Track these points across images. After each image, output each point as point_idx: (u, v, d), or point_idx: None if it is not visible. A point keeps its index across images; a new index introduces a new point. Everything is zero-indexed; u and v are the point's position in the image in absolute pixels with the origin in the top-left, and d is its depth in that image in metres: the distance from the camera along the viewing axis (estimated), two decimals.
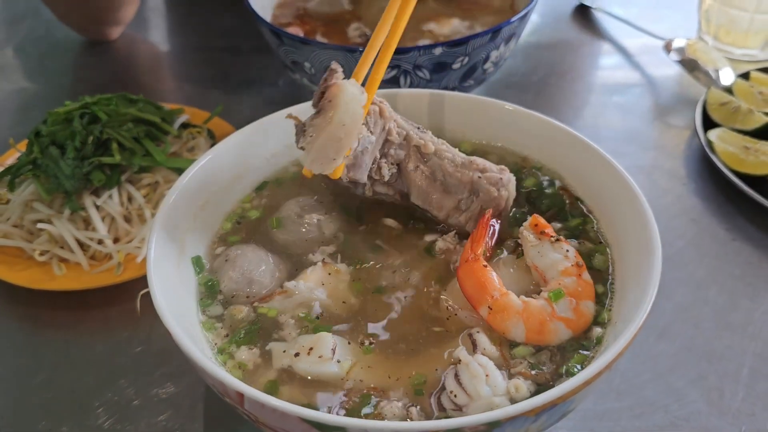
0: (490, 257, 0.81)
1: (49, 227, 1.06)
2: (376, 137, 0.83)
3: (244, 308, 0.80)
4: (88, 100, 1.17)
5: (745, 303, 1.02)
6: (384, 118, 0.85)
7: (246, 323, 0.79)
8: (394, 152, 0.86)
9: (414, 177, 0.86)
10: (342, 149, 0.77)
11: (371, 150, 0.83)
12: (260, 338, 0.77)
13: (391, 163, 0.85)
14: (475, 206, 0.85)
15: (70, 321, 1.03)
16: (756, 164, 1.17)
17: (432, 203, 0.86)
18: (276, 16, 1.38)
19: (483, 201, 0.85)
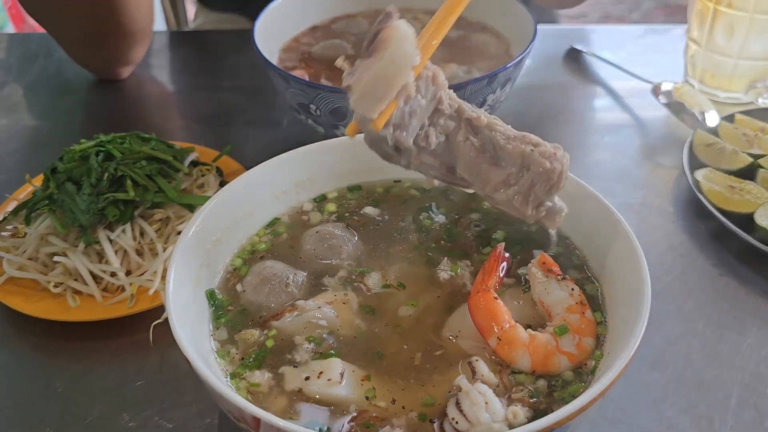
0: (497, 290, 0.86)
1: (64, 260, 1.10)
2: (427, 102, 0.81)
3: (255, 332, 0.84)
4: (103, 138, 1.23)
5: (732, 335, 1.07)
6: (437, 85, 0.82)
7: (257, 347, 0.83)
8: (443, 122, 0.83)
9: (463, 148, 0.83)
10: (390, 89, 0.74)
11: (420, 114, 0.81)
12: (272, 361, 0.81)
13: (439, 132, 0.83)
14: (525, 180, 0.82)
15: (83, 351, 1.07)
16: (741, 203, 1.23)
17: (480, 175, 0.83)
18: (282, 60, 1.45)
19: (534, 174, 0.82)
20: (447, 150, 0.84)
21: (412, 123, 0.80)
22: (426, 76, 0.81)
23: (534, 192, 0.82)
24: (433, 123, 0.83)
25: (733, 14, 1.43)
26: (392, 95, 0.75)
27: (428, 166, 0.86)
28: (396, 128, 0.79)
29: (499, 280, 0.86)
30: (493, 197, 0.84)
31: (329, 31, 1.53)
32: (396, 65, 0.74)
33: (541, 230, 0.98)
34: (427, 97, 0.81)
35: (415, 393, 0.78)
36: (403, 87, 0.76)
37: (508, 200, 0.83)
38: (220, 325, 0.87)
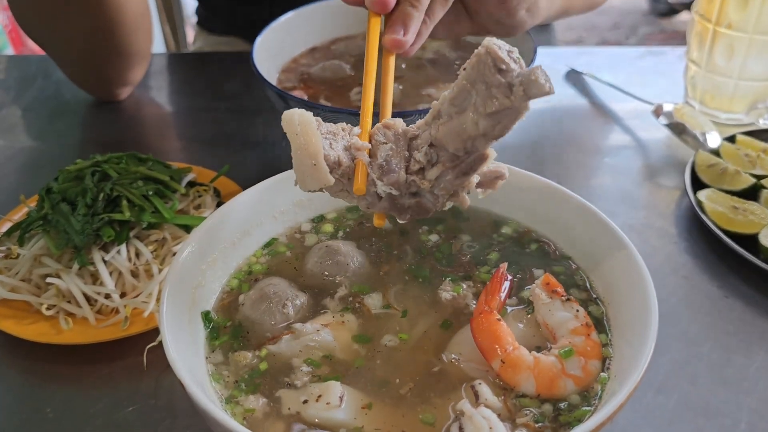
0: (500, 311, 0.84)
1: (58, 281, 1.08)
2: (392, 144, 0.81)
3: (248, 354, 0.82)
4: (99, 158, 1.21)
5: (739, 359, 1.05)
6: (392, 128, 0.83)
7: (251, 369, 0.81)
8: (420, 141, 0.82)
9: (443, 132, 0.79)
10: (312, 150, 0.77)
11: (395, 153, 0.80)
12: (268, 385, 0.79)
13: (421, 147, 0.81)
14: (493, 94, 0.75)
15: (75, 375, 1.04)
16: (745, 223, 1.21)
17: (463, 134, 0.78)
18: (280, 80, 1.44)
19: (495, 86, 0.75)
20: (437, 150, 0.81)
21: (392, 164, 0.80)
22: (378, 130, 0.83)
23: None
24: (415, 147, 0.82)
25: (733, 35, 1.43)
26: (319, 154, 0.77)
27: (442, 180, 0.82)
28: (383, 176, 0.80)
29: (502, 301, 0.84)
30: (486, 136, 0.79)
31: (328, 52, 1.52)
32: (299, 137, 0.78)
33: (541, 249, 0.96)
34: (390, 139, 0.82)
35: (416, 417, 0.75)
36: (327, 158, 0.78)
37: (489, 130, 0.78)
38: (215, 347, 0.85)
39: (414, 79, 1.41)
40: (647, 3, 6.07)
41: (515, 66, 0.75)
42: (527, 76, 0.74)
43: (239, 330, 0.87)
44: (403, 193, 0.82)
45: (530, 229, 0.99)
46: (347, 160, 0.80)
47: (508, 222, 1.00)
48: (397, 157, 0.81)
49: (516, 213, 1.00)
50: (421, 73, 1.44)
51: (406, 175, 0.80)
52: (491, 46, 0.75)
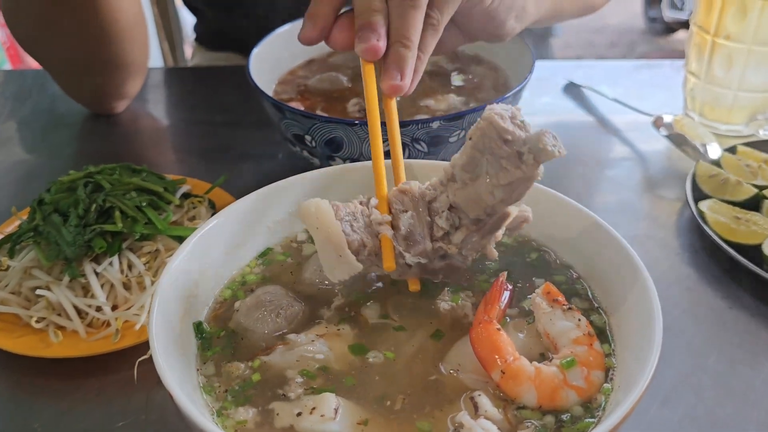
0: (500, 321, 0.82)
1: (48, 294, 1.06)
2: (412, 211, 0.82)
3: (240, 365, 0.80)
4: (92, 169, 1.20)
5: (745, 371, 1.02)
6: (409, 193, 0.83)
7: (243, 381, 0.78)
8: (440, 204, 0.82)
9: (460, 198, 0.80)
10: (335, 241, 0.79)
11: (417, 221, 0.81)
12: (261, 396, 0.77)
13: (442, 212, 0.81)
14: (503, 165, 0.77)
15: (65, 389, 1.02)
16: (748, 234, 1.19)
17: (481, 202, 0.79)
18: (277, 92, 1.43)
19: (504, 157, 0.76)
20: (458, 213, 0.82)
21: (416, 234, 0.81)
22: (395, 197, 0.83)
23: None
24: (436, 212, 0.82)
25: (732, 46, 1.43)
26: (344, 246, 0.79)
27: (469, 244, 0.83)
28: (410, 249, 0.80)
29: (502, 310, 0.82)
30: (499, 204, 0.80)
31: (326, 65, 1.52)
32: (320, 230, 0.79)
33: (542, 258, 0.94)
34: (409, 208, 0.82)
35: (414, 430, 0.73)
36: (351, 244, 0.80)
37: (512, 181, 0.78)
38: (207, 359, 0.82)
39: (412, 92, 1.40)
40: (644, 22, 6.11)
41: (521, 133, 0.75)
42: (535, 144, 0.74)
43: (232, 338, 0.84)
44: (432, 259, 0.83)
45: (530, 237, 0.97)
46: (370, 239, 0.82)
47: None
48: (420, 225, 0.81)
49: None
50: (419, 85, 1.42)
51: (431, 243, 0.81)
52: (493, 119, 0.75)
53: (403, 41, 0.95)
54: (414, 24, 0.96)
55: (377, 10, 0.96)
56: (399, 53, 0.95)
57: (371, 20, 0.95)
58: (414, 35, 0.96)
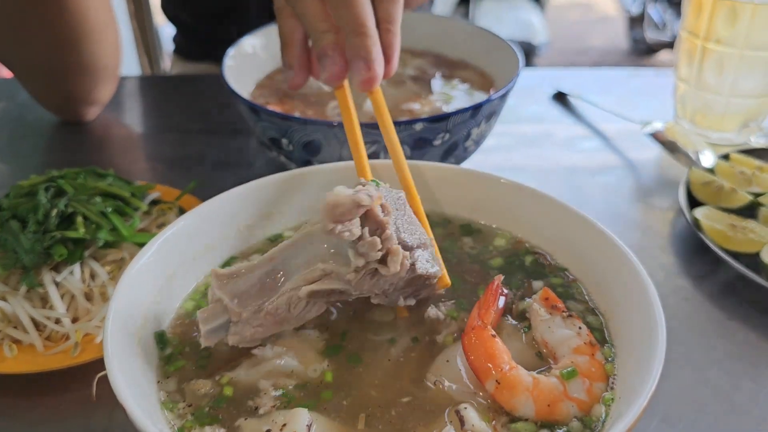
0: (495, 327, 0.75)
1: (3, 305, 0.98)
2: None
3: (207, 382, 0.72)
4: (55, 173, 1.13)
5: (747, 384, 0.96)
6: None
7: (210, 399, 0.71)
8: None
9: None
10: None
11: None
12: (227, 414, 0.69)
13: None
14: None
15: (19, 408, 0.94)
16: (744, 242, 1.14)
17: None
18: (255, 97, 1.37)
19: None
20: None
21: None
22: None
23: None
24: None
25: (722, 51, 1.39)
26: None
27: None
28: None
29: (497, 315, 0.75)
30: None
31: None
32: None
33: (537, 261, 0.88)
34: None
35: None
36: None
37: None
38: (169, 373, 0.75)
39: (395, 97, 1.35)
40: (627, 43, 6.15)
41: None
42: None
43: (196, 352, 0.77)
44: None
45: (523, 240, 0.91)
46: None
47: (501, 234, 0.92)
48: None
49: (508, 224, 0.92)
50: (401, 89, 1.38)
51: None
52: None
53: (355, 29, 0.89)
54: (357, 8, 0.89)
55: (324, 30, 0.91)
56: (354, 44, 0.89)
57: (322, 45, 0.90)
58: (363, 18, 0.89)
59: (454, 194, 0.95)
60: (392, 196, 0.76)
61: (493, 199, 0.93)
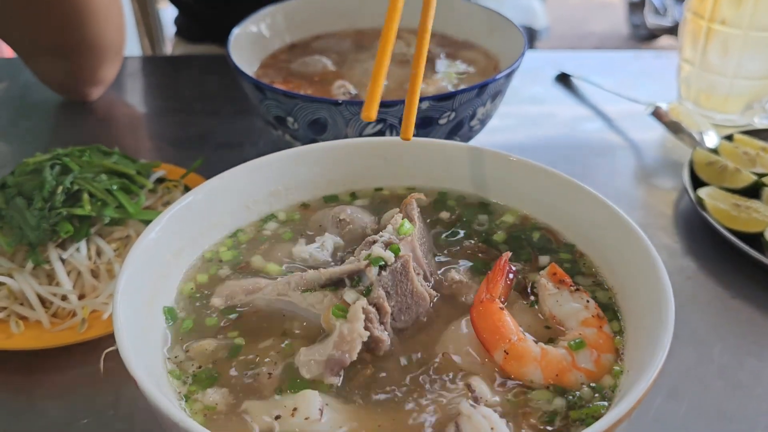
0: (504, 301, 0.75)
1: (9, 281, 0.98)
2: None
3: (213, 342, 0.74)
4: (60, 151, 1.12)
5: (751, 362, 0.97)
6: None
7: (214, 360, 0.73)
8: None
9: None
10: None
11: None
12: (231, 376, 0.71)
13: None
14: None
15: (26, 384, 0.94)
16: (748, 221, 1.15)
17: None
18: (259, 76, 1.37)
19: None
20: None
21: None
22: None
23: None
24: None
25: (727, 32, 1.39)
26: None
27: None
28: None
29: (505, 290, 0.75)
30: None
31: (309, 49, 1.46)
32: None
33: (544, 237, 0.89)
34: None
35: (408, 419, 0.66)
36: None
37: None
38: (176, 343, 0.75)
39: (399, 75, 1.35)
40: (627, 29, 6.12)
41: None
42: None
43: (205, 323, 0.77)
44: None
45: (530, 216, 0.91)
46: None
47: (510, 211, 0.92)
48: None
49: (516, 201, 0.92)
50: (406, 69, 1.37)
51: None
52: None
53: None
54: None
55: None
56: None
57: None
58: None
59: (463, 172, 0.95)
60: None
61: (501, 176, 0.93)
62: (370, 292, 0.73)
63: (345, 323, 0.70)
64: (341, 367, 0.69)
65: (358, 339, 0.68)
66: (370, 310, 0.71)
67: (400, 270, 0.74)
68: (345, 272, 0.75)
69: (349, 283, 0.74)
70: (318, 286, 0.75)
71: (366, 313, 0.70)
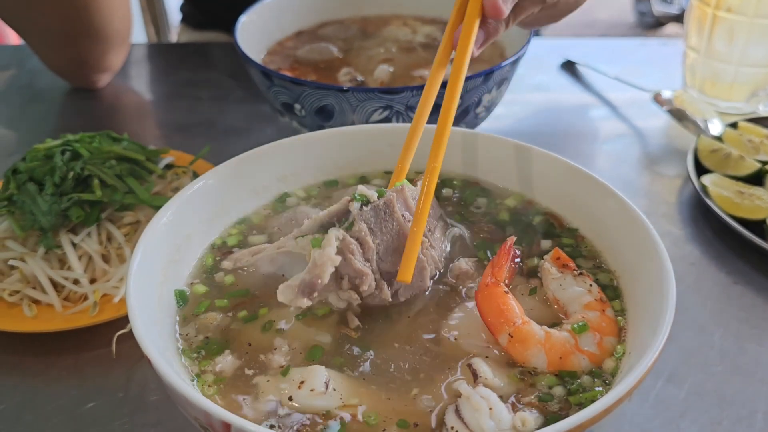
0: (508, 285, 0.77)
1: (22, 265, 1.00)
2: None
3: (218, 315, 0.77)
4: (70, 137, 1.14)
5: (752, 347, 0.98)
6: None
7: (222, 329, 0.76)
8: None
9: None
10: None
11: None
12: (240, 349, 0.73)
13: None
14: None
15: (39, 366, 0.96)
16: (752, 208, 1.15)
17: None
18: (266, 63, 1.38)
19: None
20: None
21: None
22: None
23: None
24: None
25: (733, 19, 1.39)
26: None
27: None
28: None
29: (510, 274, 0.77)
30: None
31: (315, 36, 1.46)
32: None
33: (547, 221, 0.90)
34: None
35: (410, 400, 0.68)
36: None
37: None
38: (188, 324, 0.77)
39: (405, 62, 1.35)
40: (634, 16, 6.09)
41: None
42: None
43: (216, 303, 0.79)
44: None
45: (534, 201, 0.92)
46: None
47: (513, 195, 0.94)
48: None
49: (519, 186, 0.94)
50: (412, 56, 1.38)
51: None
52: None
53: None
54: None
55: None
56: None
57: None
58: None
59: (468, 157, 0.96)
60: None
61: (505, 161, 0.94)
62: (351, 227, 0.74)
63: (317, 250, 0.72)
64: (312, 290, 0.70)
65: (328, 262, 0.70)
66: (351, 241, 0.73)
67: (383, 208, 0.76)
68: (333, 213, 0.77)
69: (337, 225, 0.76)
70: (311, 233, 0.78)
71: (346, 245, 0.72)
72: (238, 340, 0.75)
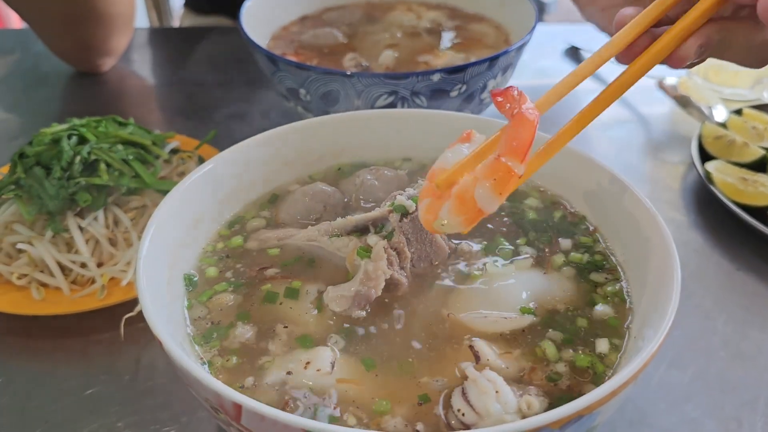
0: None
1: (30, 249, 1.01)
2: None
3: (230, 296, 0.78)
4: (77, 122, 1.14)
5: (754, 333, 0.99)
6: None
7: (230, 311, 0.77)
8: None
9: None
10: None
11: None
12: (247, 324, 0.75)
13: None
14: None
15: (47, 348, 0.97)
16: (755, 195, 1.16)
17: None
18: (270, 48, 1.37)
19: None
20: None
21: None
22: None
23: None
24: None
25: None
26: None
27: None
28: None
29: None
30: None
31: (320, 21, 1.46)
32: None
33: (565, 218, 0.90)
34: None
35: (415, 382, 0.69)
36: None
37: None
38: (196, 307, 0.78)
39: (410, 47, 1.35)
40: None
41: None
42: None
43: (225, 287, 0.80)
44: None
45: (536, 184, 0.93)
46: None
47: None
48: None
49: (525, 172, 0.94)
50: (417, 41, 1.38)
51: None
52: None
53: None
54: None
55: None
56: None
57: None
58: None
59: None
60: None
61: None
62: (391, 237, 0.78)
63: (370, 262, 0.75)
64: (367, 302, 0.74)
65: (382, 276, 0.74)
66: (390, 252, 0.76)
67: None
68: (370, 219, 0.81)
69: (373, 230, 0.81)
70: (344, 233, 0.82)
71: (387, 255, 0.76)
72: (247, 323, 0.75)
